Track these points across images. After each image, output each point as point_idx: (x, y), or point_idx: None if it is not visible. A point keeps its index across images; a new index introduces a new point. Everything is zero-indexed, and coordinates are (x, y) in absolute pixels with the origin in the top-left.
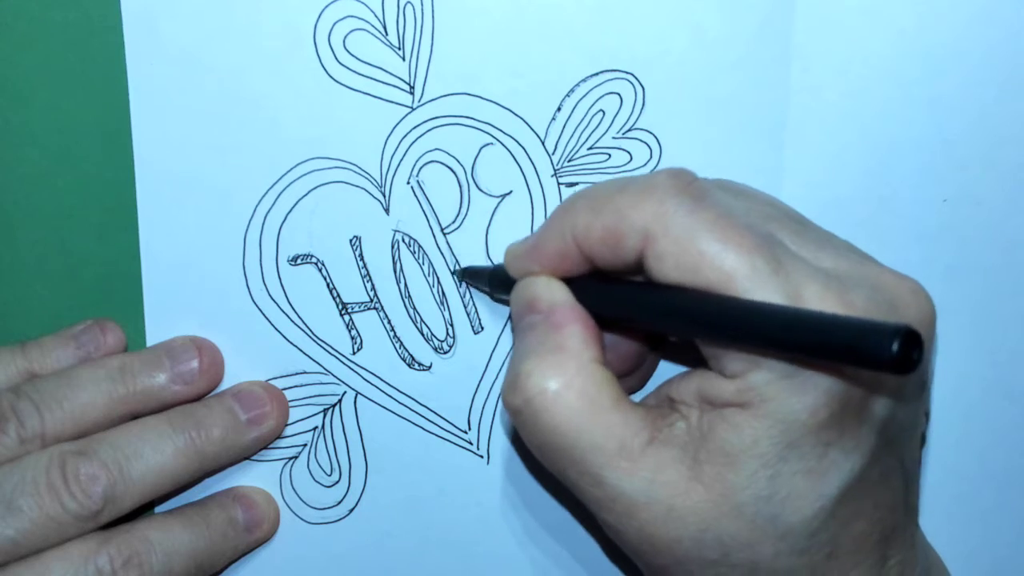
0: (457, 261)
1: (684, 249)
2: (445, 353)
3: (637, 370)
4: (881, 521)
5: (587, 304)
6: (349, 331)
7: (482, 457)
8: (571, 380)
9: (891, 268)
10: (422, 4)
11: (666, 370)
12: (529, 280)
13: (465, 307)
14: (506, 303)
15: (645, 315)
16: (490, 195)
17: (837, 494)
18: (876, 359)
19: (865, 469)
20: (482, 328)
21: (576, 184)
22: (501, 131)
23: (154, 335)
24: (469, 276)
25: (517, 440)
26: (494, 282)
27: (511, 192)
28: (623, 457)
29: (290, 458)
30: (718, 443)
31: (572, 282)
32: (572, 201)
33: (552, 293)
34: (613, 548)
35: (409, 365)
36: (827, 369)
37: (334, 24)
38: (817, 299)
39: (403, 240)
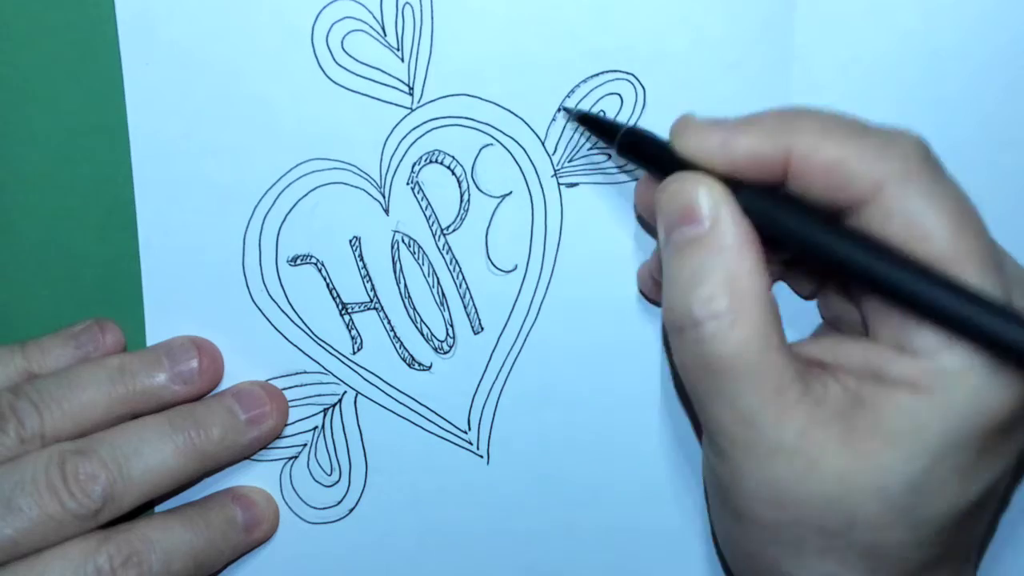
0: (453, 261)
1: (919, 217)
2: (445, 353)
3: None
4: (978, 536)
5: (757, 221)
6: (349, 331)
7: (482, 457)
8: (747, 312)
9: None
10: (421, 5)
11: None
12: (688, 180)
13: (465, 307)
14: (626, 169)
15: (842, 265)
16: (490, 196)
17: (976, 499)
18: None
19: (999, 481)
20: (482, 328)
21: (577, 184)
22: (501, 131)
23: (154, 335)
24: (586, 122)
25: (517, 440)
26: (625, 142)
27: (511, 193)
28: (778, 402)
29: (290, 458)
30: (880, 419)
31: (742, 188)
32: (796, 116)
33: (718, 206)
34: (613, 547)
35: (409, 365)
36: None
37: (332, 25)
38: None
39: (403, 240)
